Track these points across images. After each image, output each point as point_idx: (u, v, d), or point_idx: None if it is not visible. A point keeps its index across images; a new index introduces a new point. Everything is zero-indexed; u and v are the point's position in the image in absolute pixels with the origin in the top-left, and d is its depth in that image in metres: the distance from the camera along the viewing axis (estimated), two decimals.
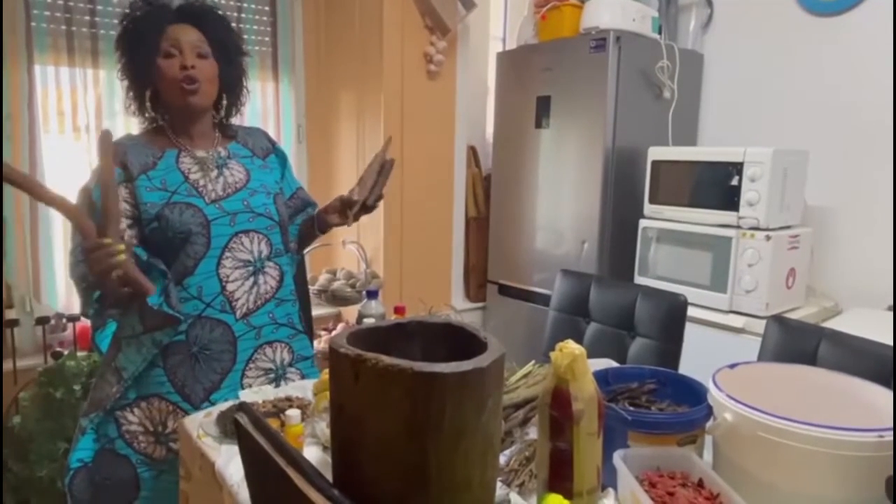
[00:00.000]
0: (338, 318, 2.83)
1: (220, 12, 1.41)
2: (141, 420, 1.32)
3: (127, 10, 1.33)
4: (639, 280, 2.36)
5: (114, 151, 1.30)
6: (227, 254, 1.34)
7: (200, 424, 1.21)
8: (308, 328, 1.55)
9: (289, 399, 1.27)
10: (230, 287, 1.34)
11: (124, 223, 1.28)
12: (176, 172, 1.34)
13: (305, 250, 1.64)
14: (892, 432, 0.88)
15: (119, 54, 1.35)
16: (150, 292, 1.20)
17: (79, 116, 2.22)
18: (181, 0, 1.38)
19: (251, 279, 1.37)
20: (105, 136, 1.16)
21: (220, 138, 1.44)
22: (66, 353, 2.06)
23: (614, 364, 1.48)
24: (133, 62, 1.33)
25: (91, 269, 1.13)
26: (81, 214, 1.13)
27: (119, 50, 1.34)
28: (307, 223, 1.57)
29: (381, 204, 1.51)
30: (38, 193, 1.09)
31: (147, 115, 1.39)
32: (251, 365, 1.38)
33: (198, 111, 1.38)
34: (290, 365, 1.46)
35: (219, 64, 1.37)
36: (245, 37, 1.48)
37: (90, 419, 1.32)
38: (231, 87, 1.44)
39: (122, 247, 1.12)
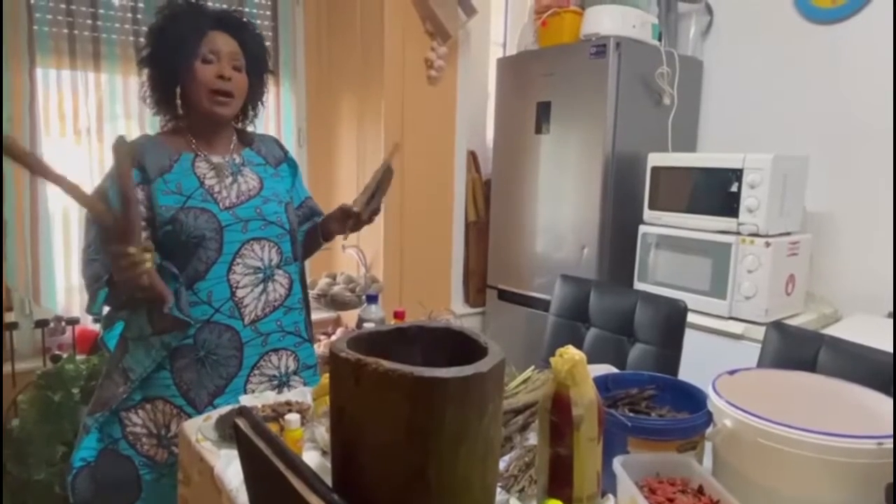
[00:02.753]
0: (337, 322, 2.82)
1: (256, 28, 1.43)
2: (145, 422, 1.32)
3: (165, 9, 1.33)
4: (638, 286, 2.36)
5: (132, 154, 1.29)
6: (238, 260, 1.34)
7: (199, 428, 1.21)
8: (309, 335, 1.54)
9: (288, 403, 1.27)
10: (239, 293, 1.35)
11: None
12: (192, 177, 1.34)
13: (308, 258, 1.64)
14: (891, 439, 0.88)
15: (150, 45, 1.34)
16: (167, 301, 1.22)
17: (80, 119, 2.22)
18: (218, 8, 1.39)
19: (260, 286, 1.38)
20: (119, 144, 1.13)
21: (236, 144, 1.45)
22: (64, 356, 2.06)
23: (614, 370, 1.48)
24: (168, 59, 1.32)
25: (116, 276, 1.15)
26: (94, 200, 1.10)
27: (152, 42, 1.34)
28: (310, 232, 1.58)
29: (382, 208, 1.51)
30: (41, 170, 1.03)
31: (165, 110, 1.38)
32: (255, 371, 1.39)
33: (223, 121, 1.39)
34: (295, 373, 1.46)
35: (249, 77, 1.39)
36: None
37: (95, 418, 1.32)
38: (254, 100, 1.46)
39: (149, 255, 1.14)
